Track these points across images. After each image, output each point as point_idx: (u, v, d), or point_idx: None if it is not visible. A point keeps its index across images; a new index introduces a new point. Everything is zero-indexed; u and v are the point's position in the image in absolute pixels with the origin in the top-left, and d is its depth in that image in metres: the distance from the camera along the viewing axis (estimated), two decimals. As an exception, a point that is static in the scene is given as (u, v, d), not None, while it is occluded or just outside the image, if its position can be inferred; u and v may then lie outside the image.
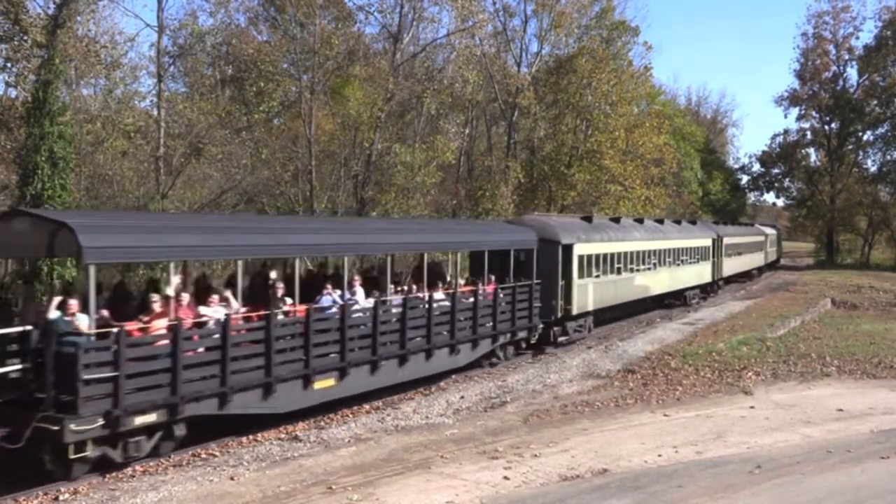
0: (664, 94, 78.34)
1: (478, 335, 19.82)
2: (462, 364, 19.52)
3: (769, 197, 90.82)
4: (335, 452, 13.09)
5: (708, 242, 39.69)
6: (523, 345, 22.73)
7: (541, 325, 22.69)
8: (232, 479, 11.66)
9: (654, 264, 31.53)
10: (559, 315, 23.77)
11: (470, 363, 19.98)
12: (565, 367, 20.88)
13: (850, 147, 76.08)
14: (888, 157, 73.97)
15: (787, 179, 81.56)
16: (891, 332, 28.11)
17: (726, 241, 43.30)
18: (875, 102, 73.53)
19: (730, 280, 47.29)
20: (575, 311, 24.48)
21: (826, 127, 76.49)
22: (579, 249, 24.57)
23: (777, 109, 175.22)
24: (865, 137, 75.93)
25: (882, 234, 77.09)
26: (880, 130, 74.26)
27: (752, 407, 16.93)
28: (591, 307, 25.80)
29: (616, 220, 30.11)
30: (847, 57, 74.82)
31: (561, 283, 23.57)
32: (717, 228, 43.26)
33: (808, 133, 78.47)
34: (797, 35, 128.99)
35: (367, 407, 16.46)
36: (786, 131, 79.62)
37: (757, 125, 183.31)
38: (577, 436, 14.37)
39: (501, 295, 20.76)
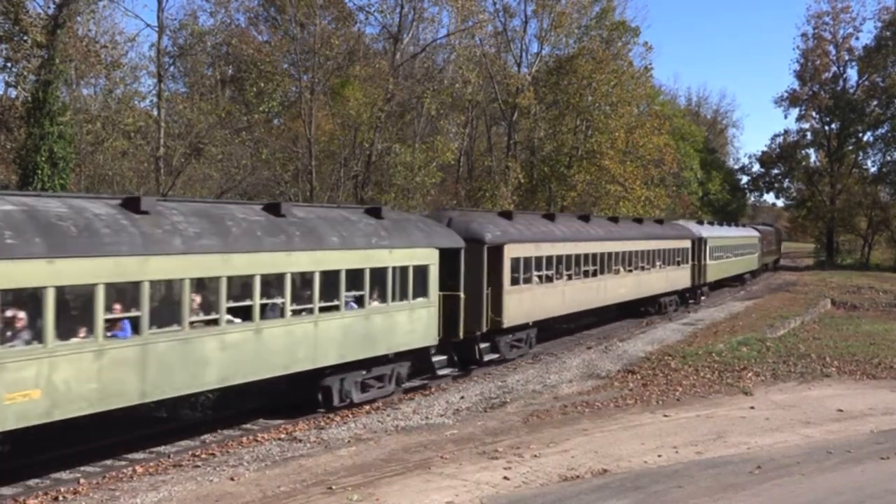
0: (664, 95, 78.41)
1: None
2: None
3: (769, 197, 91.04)
4: (335, 452, 13.07)
5: None
6: None
7: None
8: (232, 479, 11.65)
9: None
10: None
11: None
12: (565, 368, 20.87)
13: (850, 148, 76.07)
14: (888, 158, 74.10)
15: (786, 180, 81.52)
16: (891, 333, 28.12)
17: None
18: (875, 103, 73.54)
19: None
20: None
21: (826, 127, 76.46)
22: None
23: (777, 110, 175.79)
24: (865, 138, 76.00)
25: (882, 235, 77.11)
26: (880, 131, 74.29)
27: (752, 407, 16.93)
28: None
29: None
30: (847, 57, 74.95)
31: None
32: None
33: (808, 133, 78.48)
34: (797, 35, 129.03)
35: (367, 407, 16.45)
36: (786, 132, 79.70)
37: (757, 126, 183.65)
38: (577, 436, 14.36)
39: None
